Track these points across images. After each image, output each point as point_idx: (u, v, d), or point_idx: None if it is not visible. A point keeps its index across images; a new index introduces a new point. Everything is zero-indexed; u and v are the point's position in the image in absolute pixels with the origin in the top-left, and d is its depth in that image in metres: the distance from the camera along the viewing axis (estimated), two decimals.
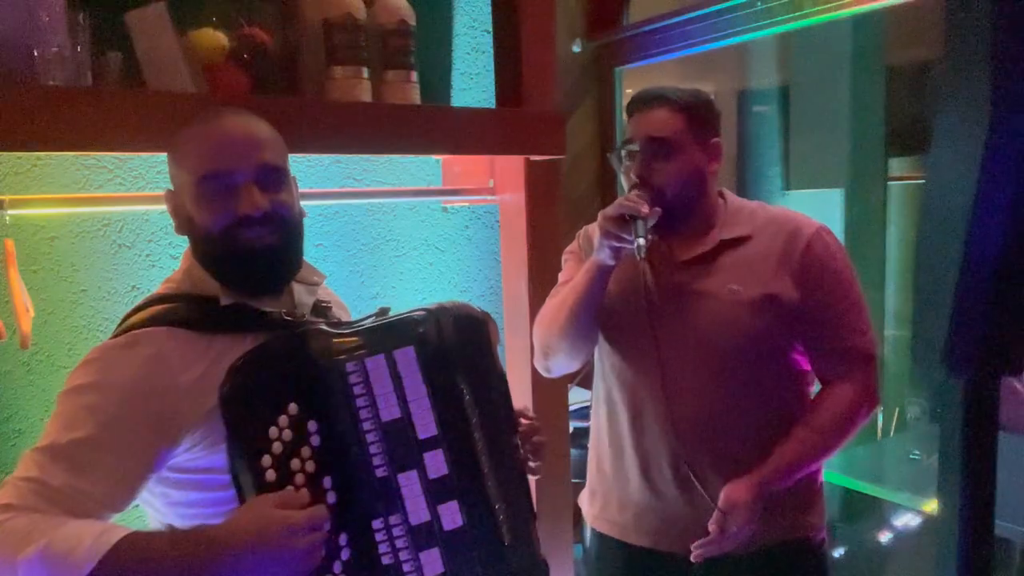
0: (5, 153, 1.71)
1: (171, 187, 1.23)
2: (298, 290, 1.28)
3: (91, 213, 1.88)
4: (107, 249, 1.92)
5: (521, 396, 2.08)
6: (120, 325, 1.20)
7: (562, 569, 2.15)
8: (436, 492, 1.17)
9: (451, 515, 1.17)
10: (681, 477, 1.55)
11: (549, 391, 2.09)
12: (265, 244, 1.16)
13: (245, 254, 1.15)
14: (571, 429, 2.30)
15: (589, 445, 1.76)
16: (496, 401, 1.26)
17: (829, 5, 2.22)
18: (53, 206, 1.76)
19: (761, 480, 1.47)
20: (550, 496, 2.09)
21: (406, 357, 1.18)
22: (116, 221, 1.92)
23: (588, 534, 1.77)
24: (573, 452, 2.27)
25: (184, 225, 1.21)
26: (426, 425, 1.18)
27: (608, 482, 1.67)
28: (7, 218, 1.54)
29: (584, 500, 1.76)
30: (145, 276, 1.94)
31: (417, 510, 1.15)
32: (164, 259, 1.97)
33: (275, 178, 1.18)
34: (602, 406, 1.69)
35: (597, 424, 1.71)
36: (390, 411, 1.16)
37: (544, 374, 1.72)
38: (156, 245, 1.96)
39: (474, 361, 1.24)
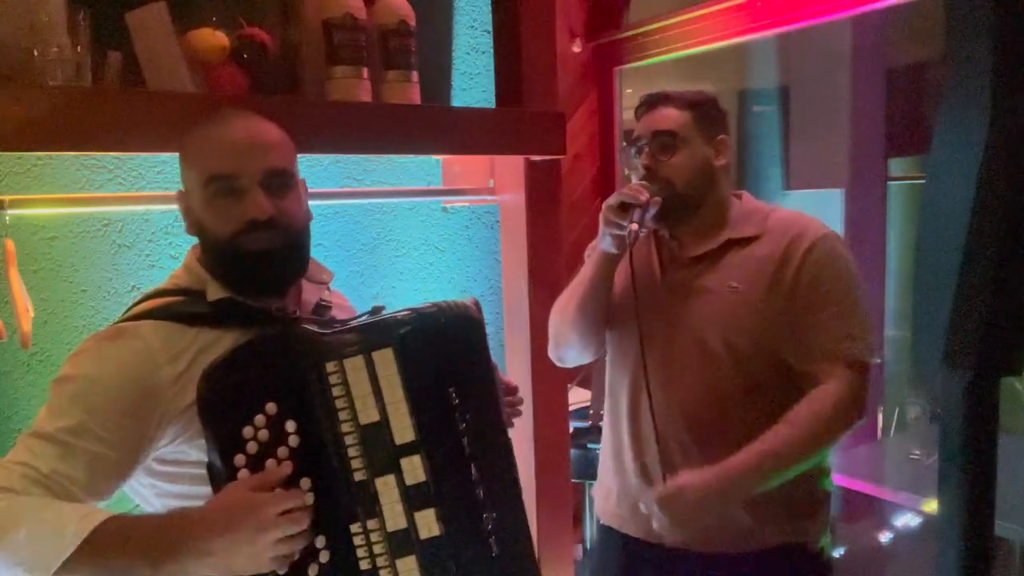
0: (5, 153, 1.71)
1: (181, 188, 1.24)
2: (306, 287, 1.30)
3: (91, 213, 1.88)
4: (107, 249, 1.92)
5: (521, 396, 2.07)
6: (119, 319, 1.21)
7: (562, 569, 2.15)
8: (413, 499, 1.14)
9: (427, 524, 1.14)
10: (674, 471, 1.53)
11: (549, 391, 2.09)
12: (267, 248, 1.16)
13: (248, 258, 1.16)
14: (571, 429, 2.30)
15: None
16: (486, 408, 1.21)
17: (829, 5, 2.22)
18: (53, 206, 1.77)
19: (723, 472, 1.41)
20: (550, 496, 2.09)
21: (384, 359, 1.15)
22: (116, 221, 1.92)
23: (589, 524, 1.78)
24: (573, 452, 2.27)
25: (194, 226, 1.22)
26: (403, 430, 1.14)
27: (611, 474, 1.68)
28: (7, 218, 1.54)
29: (596, 491, 1.78)
30: (145, 276, 1.94)
31: (394, 516, 1.13)
32: (164, 259, 1.98)
33: (281, 182, 1.18)
34: (608, 400, 1.71)
35: (606, 418, 1.73)
36: (368, 414, 1.13)
37: (557, 364, 1.75)
38: (156, 245, 1.97)
39: (465, 365, 1.20)
